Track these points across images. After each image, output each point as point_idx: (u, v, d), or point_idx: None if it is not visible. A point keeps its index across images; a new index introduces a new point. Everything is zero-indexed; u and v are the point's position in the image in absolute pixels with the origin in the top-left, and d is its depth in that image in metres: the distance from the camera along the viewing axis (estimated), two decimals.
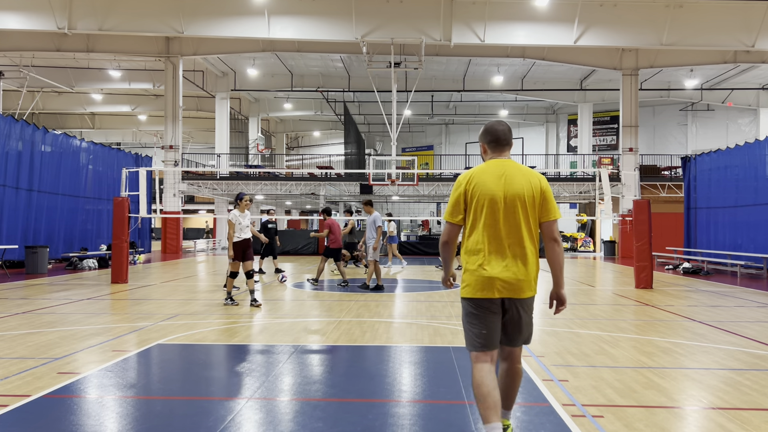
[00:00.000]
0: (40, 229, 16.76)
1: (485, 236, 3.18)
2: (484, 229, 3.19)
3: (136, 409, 4.13)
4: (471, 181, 3.25)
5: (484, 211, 3.19)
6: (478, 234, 3.20)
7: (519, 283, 3.16)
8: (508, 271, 3.15)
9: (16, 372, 5.02)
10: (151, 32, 21.47)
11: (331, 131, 41.68)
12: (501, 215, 3.18)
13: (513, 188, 3.20)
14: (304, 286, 12.19)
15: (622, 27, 20.97)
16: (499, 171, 3.26)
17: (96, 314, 8.33)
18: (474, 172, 3.28)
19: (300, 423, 3.81)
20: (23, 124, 16.25)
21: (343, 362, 5.60)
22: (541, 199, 3.24)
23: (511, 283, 3.15)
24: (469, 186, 3.25)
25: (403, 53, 22.58)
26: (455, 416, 3.98)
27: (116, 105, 34.64)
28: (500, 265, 3.16)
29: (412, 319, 8.06)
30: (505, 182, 3.21)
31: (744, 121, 32.76)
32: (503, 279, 3.15)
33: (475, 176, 3.26)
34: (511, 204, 3.19)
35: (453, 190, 3.31)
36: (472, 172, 3.28)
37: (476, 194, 3.21)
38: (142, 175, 13.74)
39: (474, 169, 3.31)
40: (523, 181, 3.23)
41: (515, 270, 3.16)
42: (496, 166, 3.29)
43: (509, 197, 3.19)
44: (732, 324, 7.83)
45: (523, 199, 3.20)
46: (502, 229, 3.18)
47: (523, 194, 3.21)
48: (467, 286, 3.21)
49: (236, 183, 27.22)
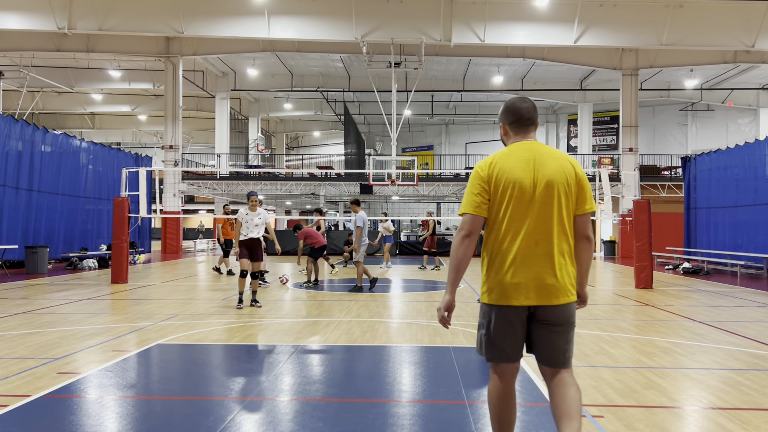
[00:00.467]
0: (40, 229, 16.76)
1: (511, 232, 2.70)
2: (510, 223, 2.70)
3: (136, 409, 4.13)
4: (493, 166, 2.75)
5: (510, 201, 2.70)
6: (502, 229, 2.71)
7: (552, 288, 2.68)
8: (538, 273, 2.68)
9: (16, 372, 5.02)
10: (151, 32, 21.48)
11: (331, 131, 41.68)
12: (530, 206, 2.70)
13: (544, 174, 2.72)
14: (303, 287, 12.19)
15: (622, 27, 20.97)
16: (527, 155, 2.77)
17: (96, 314, 8.33)
18: (496, 157, 2.80)
19: (300, 423, 3.81)
20: (23, 124, 16.25)
21: (343, 362, 5.60)
22: (576, 188, 2.77)
23: (543, 287, 2.68)
24: (491, 172, 2.75)
25: (403, 53, 22.58)
26: (455, 416, 3.98)
27: (116, 105, 34.65)
28: (529, 266, 2.68)
29: (412, 319, 8.06)
30: (534, 167, 2.73)
31: (744, 121, 32.76)
32: (533, 283, 2.68)
33: (497, 161, 2.77)
34: (543, 193, 2.71)
35: (471, 179, 2.81)
36: (494, 157, 2.80)
37: (500, 182, 2.72)
38: (142, 175, 13.74)
39: (495, 154, 2.82)
40: (555, 165, 2.75)
41: (547, 271, 2.69)
42: (523, 149, 2.80)
43: (540, 185, 2.71)
44: (732, 324, 7.83)
45: (557, 187, 2.72)
46: (532, 223, 2.69)
47: (556, 181, 2.72)
48: (489, 292, 2.74)
49: (236, 183, 27.22)
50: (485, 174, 2.76)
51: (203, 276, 14.75)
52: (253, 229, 8.97)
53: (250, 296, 9.28)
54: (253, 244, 8.98)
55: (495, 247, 2.74)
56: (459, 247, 2.73)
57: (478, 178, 2.78)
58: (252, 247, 8.98)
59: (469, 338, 6.70)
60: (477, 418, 3.92)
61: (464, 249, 2.72)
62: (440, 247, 26.02)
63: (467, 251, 2.72)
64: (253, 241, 8.97)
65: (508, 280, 2.68)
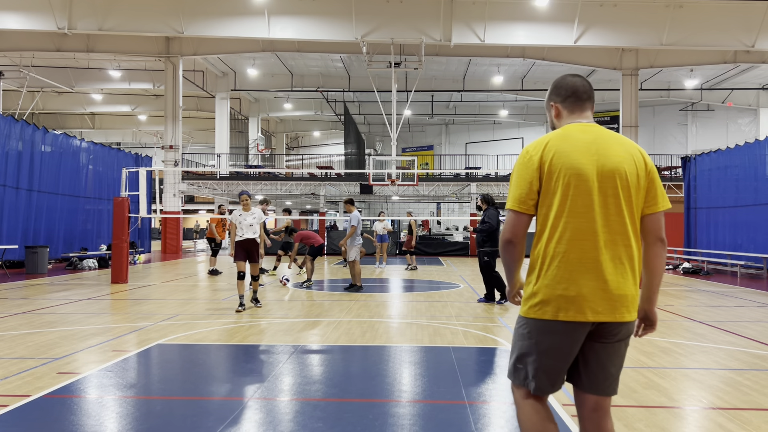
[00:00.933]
0: (40, 229, 16.76)
1: (569, 230, 2.24)
2: (569, 219, 2.24)
3: (136, 409, 4.13)
4: (547, 150, 2.30)
5: (569, 193, 2.24)
6: (558, 228, 2.26)
7: (622, 300, 2.23)
8: (605, 281, 2.21)
9: (16, 372, 5.02)
10: (151, 32, 21.47)
11: (331, 131, 41.68)
12: (593, 200, 2.24)
13: (610, 162, 2.28)
14: (303, 287, 12.19)
15: (622, 27, 20.97)
16: (587, 137, 2.33)
17: (96, 314, 8.33)
18: (550, 138, 2.33)
19: (300, 423, 3.81)
20: (23, 124, 16.25)
21: (343, 362, 5.60)
22: (647, 181, 2.34)
23: (612, 299, 2.21)
24: (545, 156, 2.29)
25: (403, 53, 22.58)
26: (455, 416, 3.98)
27: (116, 105, 34.65)
28: (594, 273, 2.21)
29: (412, 319, 8.06)
30: (597, 153, 2.29)
31: (744, 121, 32.76)
32: (600, 294, 2.21)
33: (552, 143, 2.30)
34: (609, 184, 2.26)
35: (518, 166, 2.35)
36: (547, 138, 2.34)
37: (556, 169, 2.26)
38: (142, 175, 13.74)
39: (547, 135, 2.37)
40: (622, 152, 2.32)
41: (617, 280, 2.23)
42: (581, 130, 2.36)
43: (606, 174, 2.26)
44: (732, 324, 7.83)
45: (625, 178, 2.28)
46: (597, 220, 2.24)
47: (625, 171, 2.28)
48: (541, 304, 2.26)
49: (236, 183, 27.22)
50: (537, 158, 2.28)
51: (203, 276, 14.75)
52: (248, 230, 8.65)
53: (251, 296, 9.25)
54: (248, 245, 8.65)
55: (549, 250, 2.27)
56: (505, 251, 2.38)
57: (526, 164, 2.30)
58: (248, 248, 8.67)
59: (469, 338, 6.70)
60: (477, 418, 3.92)
61: (511, 253, 2.36)
62: (440, 247, 26.08)
63: (515, 254, 2.36)
64: (248, 242, 8.65)
65: (567, 290, 2.22)
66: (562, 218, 2.26)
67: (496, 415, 4.05)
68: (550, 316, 2.25)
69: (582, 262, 2.22)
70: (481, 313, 8.63)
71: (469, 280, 13.77)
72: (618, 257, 2.25)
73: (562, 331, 2.24)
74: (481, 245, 9.74)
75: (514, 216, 2.32)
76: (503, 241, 2.37)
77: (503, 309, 9.11)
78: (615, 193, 2.27)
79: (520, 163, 2.34)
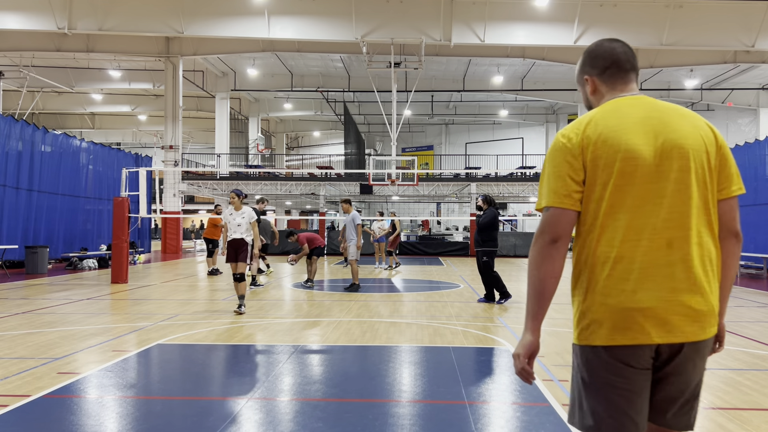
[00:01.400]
0: (40, 229, 16.76)
1: (623, 228, 1.76)
2: (624, 214, 1.76)
3: (136, 409, 4.13)
4: (589, 130, 1.81)
5: (622, 181, 1.76)
6: (609, 225, 1.77)
7: (699, 315, 1.75)
8: (675, 291, 1.74)
9: (16, 372, 5.02)
10: (151, 32, 21.47)
11: (331, 131, 41.68)
12: (654, 188, 1.77)
13: (672, 139, 1.80)
14: (306, 287, 12.19)
15: (622, 27, 20.96)
16: (640, 112, 1.85)
17: (96, 314, 8.33)
18: (592, 116, 1.85)
19: (300, 423, 3.81)
20: (23, 124, 16.25)
21: (343, 362, 5.60)
22: (718, 160, 1.86)
23: (686, 313, 1.74)
24: (587, 138, 1.80)
25: (403, 53, 22.58)
26: (455, 416, 3.98)
27: (116, 105, 34.64)
28: (660, 280, 1.74)
29: (412, 319, 8.06)
30: (655, 129, 1.80)
31: (744, 121, 32.76)
32: (669, 306, 1.73)
33: (595, 122, 1.82)
34: (673, 167, 1.78)
35: (552, 154, 1.85)
36: (588, 117, 1.86)
37: (603, 153, 1.77)
38: (142, 175, 13.74)
39: (588, 113, 1.90)
40: (686, 126, 1.84)
41: (690, 288, 1.75)
42: (631, 104, 1.89)
43: (667, 155, 1.78)
44: (732, 324, 7.83)
45: (694, 158, 1.80)
46: (660, 214, 1.76)
47: (692, 149, 1.80)
48: (594, 326, 1.77)
49: (236, 183, 27.22)
50: (577, 140, 1.80)
51: (203, 276, 14.75)
52: (236, 230, 8.52)
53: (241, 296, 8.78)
54: (236, 245, 8.49)
55: (599, 254, 1.77)
56: (541, 261, 1.80)
57: (563, 150, 1.82)
58: (235, 248, 8.49)
59: (469, 338, 6.70)
60: (477, 418, 3.92)
61: (550, 263, 1.80)
62: (440, 247, 26.08)
63: (555, 266, 1.80)
64: (236, 241, 8.49)
65: (625, 304, 1.73)
66: (614, 213, 1.77)
67: (496, 415, 4.05)
68: (605, 341, 1.75)
69: (643, 268, 1.73)
70: (480, 313, 8.63)
71: (469, 280, 13.77)
72: (688, 258, 1.75)
73: (622, 359, 1.74)
74: (481, 245, 9.72)
75: (557, 212, 1.79)
76: (542, 244, 1.79)
77: (503, 309, 9.11)
78: (681, 177, 1.77)
79: (556, 150, 1.83)
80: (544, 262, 1.80)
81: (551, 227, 1.80)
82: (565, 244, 1.82)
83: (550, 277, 1.80)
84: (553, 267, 1.80)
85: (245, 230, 8.54)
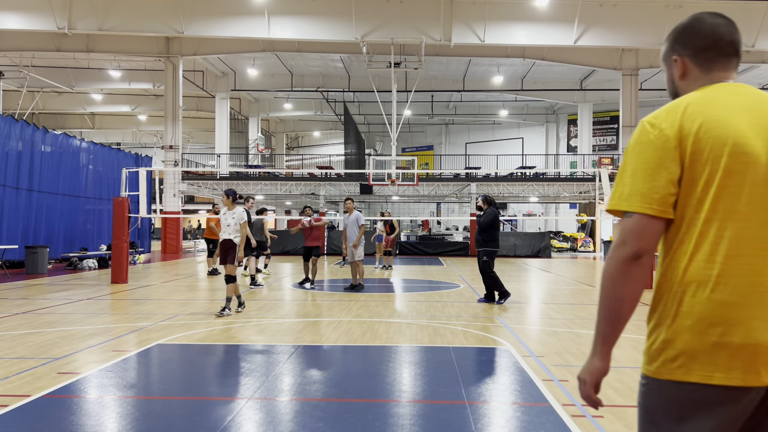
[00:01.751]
0: (40, 229, 16.77)
1: (730, 241, 1.46)
2: (729, 223, 1.46)
3: (136, 409, 4.13)
4: (687, 117, 1.50)
5: (728, 182, 1.46)
6: (709, 236, 1.47)
7: None
8: None
9: (16, 372, 5.02)
10: (151, 32, 21.48)
11: (331, 131, 41.69)
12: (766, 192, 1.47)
13: None
14: (304, 286, 12.18)
15: (622, 27, 20.98)
16: (744, 100, 1.53)
17: (96, 314, 8.33)
18: (689, 102, 1.53)
19: (300, 423, 3.81)
20: (23, 124, 16.25)
21: (343, 362, 5.60)
22: None
23: None
24: (686, 128, 1.49)
25: (403, 53, 22.59)
26: (455, 416, 3.98)
27: (116, 105, 34.66)
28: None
29: (412, 319, 8.06)
30: (766, 123, 1.50)
31: None
32: None
33: (695, 108, 1.51)
34: None
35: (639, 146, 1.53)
36: (685, 102, 1.54)
37: (706, 147, 1.47)
38: (142, 175, 13.74)
39: (684, 98, 1.57)
40: None
41: None
42: (732, 92, 1.56)
43: None
44: None
45: None
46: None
47: None
48: (679, 357, 1.47)
49: (236, 183, 27.23)
50: (674, 131, 1.49)
51: (203, 276, 14.75)
52: (225, 230, 8.36)
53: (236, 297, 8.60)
54: (224, 246, 8.32)
55: (695, 272, 1.47)
56: (619, 280, 1.51)
57: (655, 142, 1.50)
58: (224, 249, 8.31)
59: (469, 338, 6.70)
60: (477, 418, 3.92)
61: (630, 284, 1.51)
62: (440, 247, 26.08)
63: (635, 287, 1.51)
64: (224, 242, 8.32)
65: (729, 335, 1.43)
66: (717, 221, 1.46)
67: (496, 415, 4.05)
68: (700, 378, 1.44)
69: (754, 291, 1.43)
70: (480, 313, 8.63)
71: (469, 280, 13.77)
72: None
73: (719, 402, 1.42)
74: (482, 245, 9.68)
75: (643, 221, 1.48)
76: (623, 259, 1.49)
77: (503, 309, 9.11)
78: None
79: (644, 142, 1.52)
80: (623, 282, 1.50)
81: (635, 239, 1.48)
82: (651, 259, 1.51)
83: (628, 300, 1.52)
84: (633, 288, 1.51)
85: (233, 231, 8.37)
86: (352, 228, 11.30)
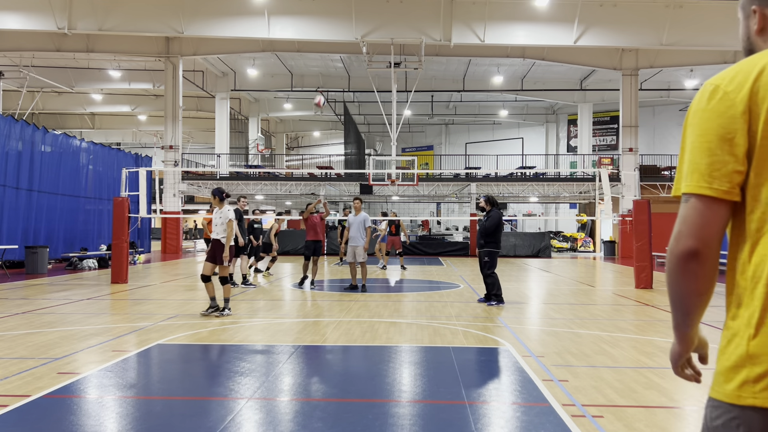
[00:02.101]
0: (40, 229, 16.76)
1: None
2: None
3: (136, 409, 4.13)
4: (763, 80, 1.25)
5: None
6: None
7: None
8: None
9: (16, 372, 5.02)
10: (151, 32, 21.48)
11: (331, 131, 41.69)
12: None
13: None
14: (304, 287, 12.18)
15: (622, 27, 20.98)
16: None
17: (96, 314, 8.33)
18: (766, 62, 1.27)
19: (300, 423, 3.81)
20: (23, 124, 16.25)
21: (343, 362, 5.60)
22: None
23: None
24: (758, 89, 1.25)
25: (403, 53, 22.58)
26: (455, 416, 3.98)
27: (116, 105, 34.67)
28: None
29: (412, 319, 8.06)
30: None
31: None
32: None
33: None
34: None
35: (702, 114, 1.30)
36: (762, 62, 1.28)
37: None
38: (142, 175, 13.74)
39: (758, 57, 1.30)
40: None
41: None
42: None
43: None
44: None
45: None
46: None
47: None
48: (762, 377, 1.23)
49: (236, 183, 27.23)
50: (743, 96, 1.25)
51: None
52: (215, 229, 8.30)
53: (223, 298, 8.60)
54: (213, 246, 8.26)
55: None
56: (677, 277, 1.33)
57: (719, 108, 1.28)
58: (214, 248, 8.26)
59: (469, 338, 6.70)
60: (477, 418, 3.92)
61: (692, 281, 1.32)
62: (440, 247, 26.08)
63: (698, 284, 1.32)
64: (214, 242, 8.25)
65: None
66: None
67: (496, 415, 4.05)
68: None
69: None
70: (481, 313, 8.63)
71: (469, 280, 13.77)
72: None
73: None
74: (483, 246, 9.62)
75: (702, 205, 1.27)
76: (682, 254, 1.28)
77: (502, 309, 9.11)
78: None
79: (704, 109, 1.29)
80: (683, 279, 1.31)
81: (692, 231, 1.26)
82: (715, 253, 1.28)
83: (692, 295, 1.33)
84: (695, 285, 1.31)
85: (221, 230, 8.29)
86: (358, 228, 11.09)
